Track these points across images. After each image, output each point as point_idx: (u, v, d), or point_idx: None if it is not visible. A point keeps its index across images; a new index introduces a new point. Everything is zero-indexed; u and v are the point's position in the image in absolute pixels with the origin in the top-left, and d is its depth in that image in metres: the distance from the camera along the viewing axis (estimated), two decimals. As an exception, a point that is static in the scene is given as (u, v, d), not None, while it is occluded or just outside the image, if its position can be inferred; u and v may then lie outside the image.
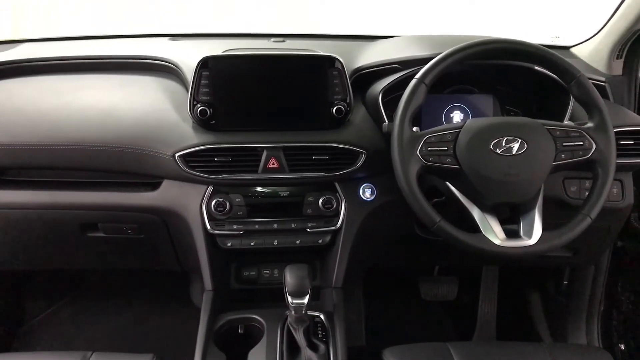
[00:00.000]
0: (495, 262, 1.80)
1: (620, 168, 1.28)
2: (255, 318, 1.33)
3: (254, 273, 1.49)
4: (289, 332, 1.25)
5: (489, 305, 1.99)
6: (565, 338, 1.77)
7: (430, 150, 1.13)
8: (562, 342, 1.77)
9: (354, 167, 1.29)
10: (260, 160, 1.27)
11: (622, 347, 1.70)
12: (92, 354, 1.21)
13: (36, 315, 1.98)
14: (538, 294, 1.94)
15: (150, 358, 1.20)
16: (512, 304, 2.01)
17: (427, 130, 1.16)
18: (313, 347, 1.24)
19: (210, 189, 1.29)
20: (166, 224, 1.36)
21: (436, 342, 1.28)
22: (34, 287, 2.00)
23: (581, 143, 1.15)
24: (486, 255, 1.12)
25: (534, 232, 1.13)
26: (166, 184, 1.31)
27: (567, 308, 1.77)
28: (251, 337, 1.31)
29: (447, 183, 1.19)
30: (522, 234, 1.15)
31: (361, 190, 1.35)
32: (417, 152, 1.12)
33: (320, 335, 1.30)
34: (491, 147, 1.12)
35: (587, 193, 1.23)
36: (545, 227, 1.14)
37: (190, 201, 1.30)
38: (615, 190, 1.39)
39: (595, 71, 1.58)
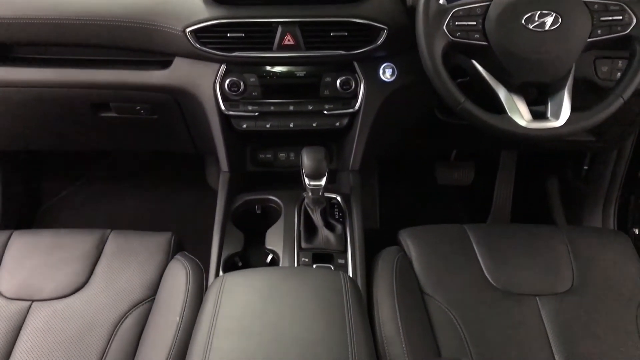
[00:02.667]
0: (518, 145, 1.76)
1: None
2: (272, 199, 1.34)
3: (269, 156, 1.47)
4: (306, 213, 1.26)
5: (505, 189, 1.98)
6: (581, 223, 1.78)
7: (457, 25, 1.06)
8: (577, 226, 1.78)
9: (375, 45, 1.22)
10: (275, 36, 1.20)
11: (636, 231, 1.70)
12: (110, 232, 1.23)
13: (54, 196, 2.02)
14: (556, 180, 1.92)
15: (168, 236, 1.22)
16: (528, 190, 2.01)
17: (455, 3, 1.07)
18: (330, 227, 1.26)
19: (223, 67, 1.24)
20: (179, 105, 1.32)
21: (452, 224, 1.28)
22: (50, 168, 2.02)
23: (620, 17, 1.06)
24: (510, 138, 1.08)
25: (562, 114, 1.08)
26: (178, 61, 1.25)
27: (585, 193, 1.76)
28: (268, 218, 1.33)
29: (473, 61, 1.12)
30: (549, 116, 1.10)
31: (381, 71, 1.28)
32: (444, 27, 1.05)
33: (337, 216, 1.31)
34: (523, 22, 1.04)
35: (619, 74, 1.17)
36: (572, 109, 1.09)
37: (203, 80, 1.25)
38: None
39: None
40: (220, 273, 1.20)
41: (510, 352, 1.02)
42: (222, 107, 1.27)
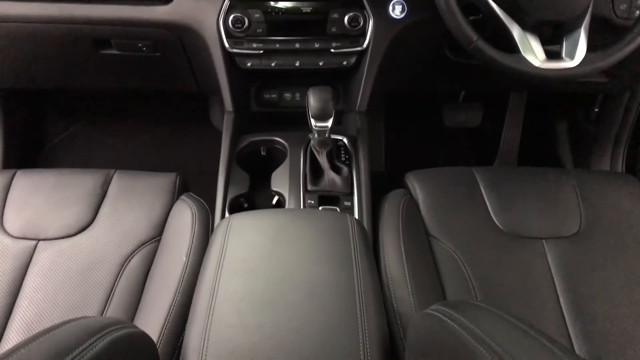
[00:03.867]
0: (528, 86, 1.72)
1: None
2: (277, 140, 1.32)
3: (274, 96, 1.44)
4: (312, 155, 1.24)
5: (513, 132, 1.96)
6: (588, 166, 1.76)
7: None
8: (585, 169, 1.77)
9: None
10: None
11: None
12: (114, 172, 1.22)
13: (57, 136, 2.00)
14: (565, 122, 1.89)
15: (173, 177, 1.22)
16: (536, 132, 1.98)
17: None
18: (336, 170, 1.24)
19: (226, 2, 1.19)
20: (182, 42, 1.28)
21: (459, 166, 1.27)
22: (53, 107, 1.99)
23: None
24: (523, 78, 1.05)
25: (577, 53, 1.04)
26: None
27: (594, 136, 1.73)
28: (274, 159, 1.31)
29: None
30: (563, 56, 1.06)
31: (390, 7, 1.23)
32: None
33: (343, 159, 1.29)
34: None
35: (638, 12, 1.12)
36: (587, 49, 1.05)
37: (206, 16, 1.21)
38: None
39: None
40: (226, 214, 1.20)
41: (515, 295, 1.02)
42: (226, 45, 1.23)
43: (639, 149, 1.70)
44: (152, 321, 0.90)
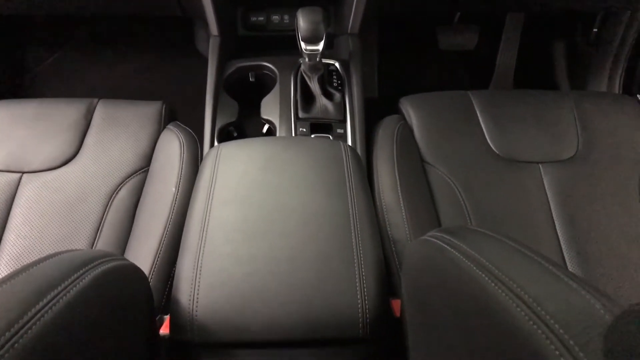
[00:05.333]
0: (528, 6, 1.65)
1: None
2: (266, 65, 1.27)
3: (262, 18, 1.37)
4: (303, 80, 1.20)
5: (509, 55, 1.90)
6: (585, 88, 1.72)
7: None
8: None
9: None
10: None
11: None
12: (97, 101, 1.18)
13: (39, 63, 1.93)
14: (563, 44, 1.84)
15: (159, 106, 1.17)
16: (533, 55, 1.93)
17: None
18: (328, 96, 1.20)
19: None
20: None
21: (455, 90, 1.23)
22: (34, 35, 1.90)
23: None
24: None
25: None
26: None
27: (592, 57, 1.69)
28: (263, 86, 1.27)
29: None
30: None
31: None
32: None
33: (335, 84, 1.25)
34: None
35: None
36: None
37: None
38: None
39: None
40: (215, 143, 1.16)
41: (510, 220, 1.01)
42: None
43: (637, 69, 1.66)
44: (143, 253, 0.89)
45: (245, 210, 0.80)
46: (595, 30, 1.68)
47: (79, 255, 0.56)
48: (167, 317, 0.76)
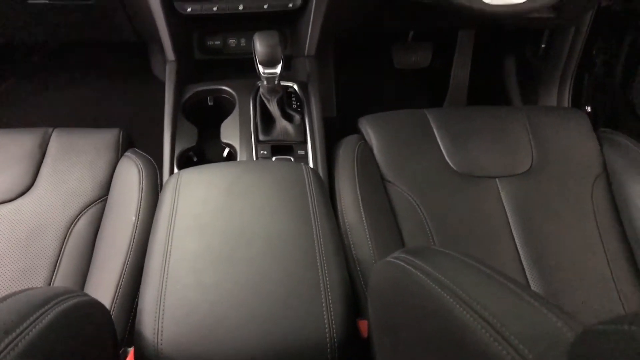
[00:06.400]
0: (478, 24, 1.71)
1: None
2: (225, 89, 1.26)
3: (218, 42, 1.37)
4: (262, 103, 1.20)
5: (462, 71, 1.95)
6: (536, 102, 1.78)
7: None
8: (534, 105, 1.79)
9: None
10: None
11: (588, 109, 1.72)
12: (52, 130, 1.15)
13: None
14: (513, 59, 1.90)
15: (116, 133, 1.15)
16: (485, 70, 1.98)
17: None
18: (288, 118, 1.21)
19: None
20: None
21: (412, 109, 1.25)
22: None
23: None
24: (474, 15, 1.03)
25: None
26: None
27: (542, 71, 1.75)
28: (222, 109, 1.26)
29: None
30: (513, -9, 1.05)
31: (336, -57, 1.18)
32: None
33: (294, 106, 1.25)
34: None
35: None
36: None
37: None
38: None
39: None
40: (175, 169, 1.15)
41: (471, 235, 1.03)
42: None
43: (584, 83, 1.73)
44: (104, 286, 0.87)
45: (208, 237, 0.79)
46: (543, 45, 1.74)
47: (37, 294, 0.54)
48: (130, 350, 0.74)
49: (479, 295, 0.44)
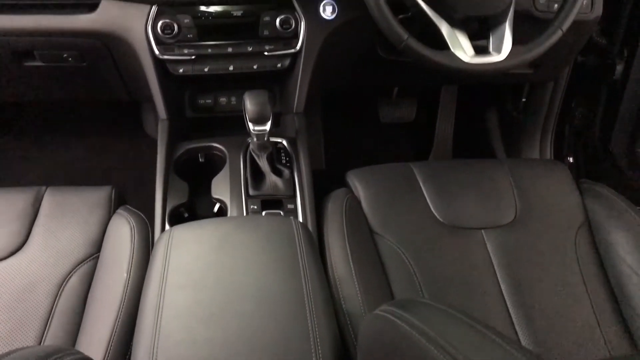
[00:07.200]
0: (459, 80, 1.77)
1: None
2: (216, 146, 1.30)
3: (210, 101, 1.41)
4: (252, 159, 1.23)
5: (446, 124, 2.01)
6: (519, 154, 1.83)
7: None
8: (516, 157, 1.83)
9: None
10: None
11: (570, 159, 1.77)
12: (45, 189, 1.17)
13: None
14: (495, 113, 1.96)
15: (108, 190, 1.17)
16: (468, 124, 2.04)
17: None
18: (277, 172, 1.24)
19: (154, 8, 1.16)
20: (109, 50, 1.24)
21: (398, 162, 1.29)
22: None
23: None
24: (454, 73, 1.08)
25: (504, 48, 1.08)
26: (105, 3, 1.16)
27: (524, 125, 1.80)
28: (213, 166, 1.29)
29: None
30: (491, 50, 1.10)
31: (321, 8, 1.24)
32: None
33: (284, 161, 1.28)
34: None
35: (556, 6, 1.18)
36: (513, 43, 1.09)
37: (134, 23, 1.17)
38: (585, 1, 1.32)
39: None
40: (167, 226, 1.17)
41: (459, 287, 1.05)
42: (156, 52, 1.20)
43: (565, 135, 1.78)
44: (96, 343, 0.87)
45: (199, 293, 0.80)
46: (524, 100, 1.80)
47: (28, 354, 0.55)
48: None
49: (465, 348, 0.46)
